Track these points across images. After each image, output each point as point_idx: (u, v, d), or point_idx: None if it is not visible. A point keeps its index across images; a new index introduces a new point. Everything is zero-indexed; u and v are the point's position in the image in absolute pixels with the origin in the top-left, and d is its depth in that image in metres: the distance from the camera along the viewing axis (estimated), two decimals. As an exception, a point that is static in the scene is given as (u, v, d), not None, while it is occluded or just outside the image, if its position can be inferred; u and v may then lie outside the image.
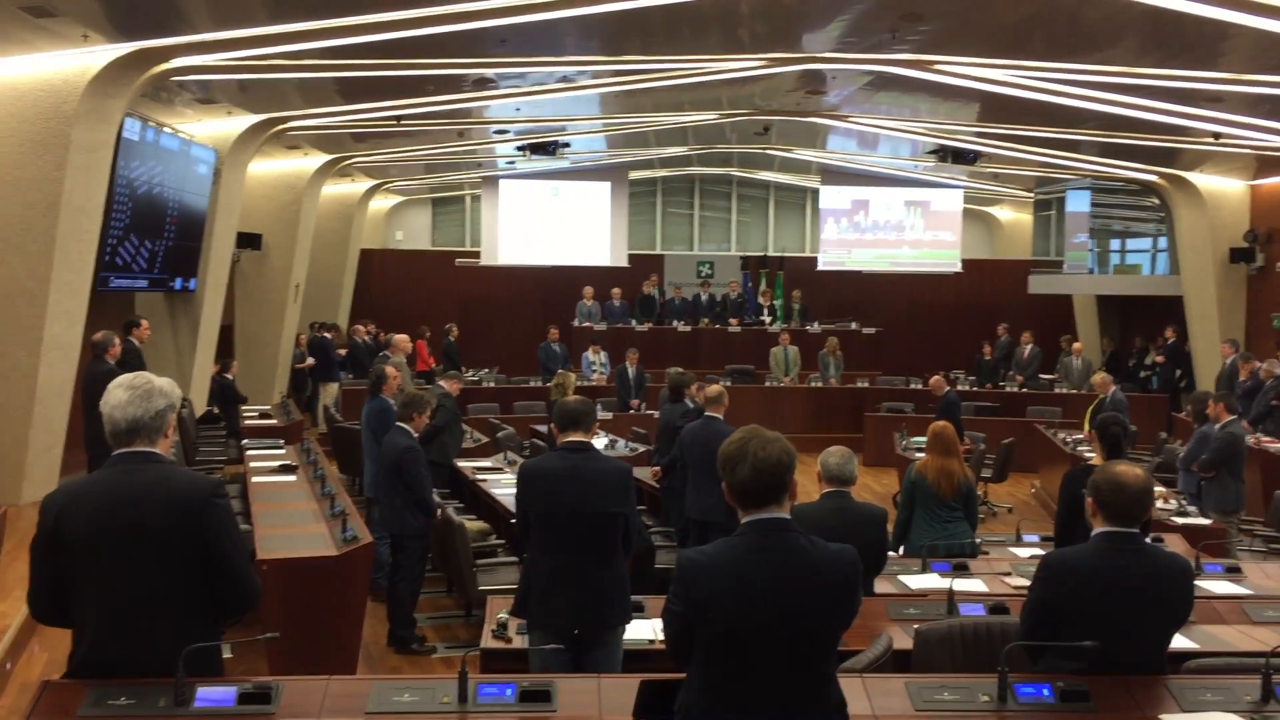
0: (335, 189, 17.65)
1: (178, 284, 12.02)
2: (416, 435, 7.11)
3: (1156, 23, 8.15)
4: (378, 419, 7.94)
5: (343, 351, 15.98)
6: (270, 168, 14.94)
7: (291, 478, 8.08)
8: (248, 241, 14.61)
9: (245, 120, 12.13)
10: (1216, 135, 12.31)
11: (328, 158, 15.13)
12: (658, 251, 21.04)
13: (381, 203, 20.64)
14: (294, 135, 13.26)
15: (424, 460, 7.03)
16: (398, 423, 7.12)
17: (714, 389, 7.85)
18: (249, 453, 9.43)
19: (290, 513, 6.85)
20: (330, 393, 15.35)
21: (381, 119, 12.72)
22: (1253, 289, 15.85)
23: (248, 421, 12.19)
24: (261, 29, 8.59)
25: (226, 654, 3.62)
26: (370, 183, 18.46)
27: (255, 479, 8.02)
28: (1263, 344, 14.68)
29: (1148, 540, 4.12)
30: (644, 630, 4.58)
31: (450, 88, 11.47)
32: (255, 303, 15.09)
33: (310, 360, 15.63)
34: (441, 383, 9.75)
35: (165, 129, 11.18)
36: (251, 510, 6.97)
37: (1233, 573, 5.84)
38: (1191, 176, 15.56)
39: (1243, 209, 15.84)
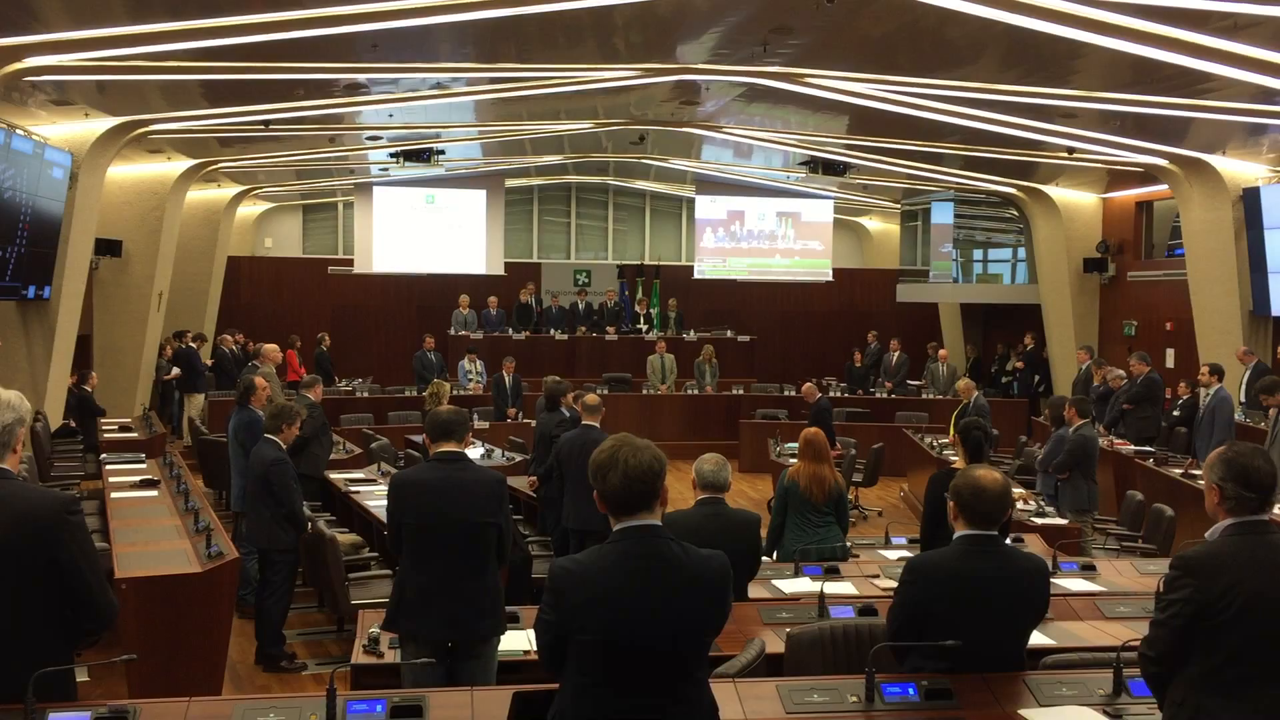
0: (200, 194, 17.11)
1: (31, 292, 11.50)
2: (286, 447, 6.95)
3: (1014, 41, 8.45)
4: (245, 431, 7.73)
5: (210, 362, 15.55)
6: (131, 172, 14.41)
7: (153, 493, 7.82)
8: (107, 248, 14.06)
9: (104, 123, 11.67)
10: (1070, 150, 12.84)
11: (192, 162, 14.66)
12: (534, 260, 20.98)
13: (250, 209, 20.10)
14: (156, 139, 12.81)
15: (293, 473, 6.88)
16: (266, 434, 6.95)
17: (591, 398, 7.88)
18: (108, 467, 9.09)
19: (151, 529, 6.63)
20: (196, 404, 14.91)
21: (249, 123, 12.38)
22: (1105, 297, 16.59)
23: (107, 435, 11.73)
24: (121, 29, 8.28)
25: (83, 677, 3.50)
26: (238, 188, 17.96)
27: (114, 494, 7.73)
28: (1115, 350, 15.37)
29: (1007, 541, 4.28)
30: (519, 641, 4.55)
31: (320, 92, 11.23)
32: (115, 312, 14.53)
33: (175, 371, 15.16)
34: (305, 393, 9.46)
35: (17, 131, 10.69)
36: (110, 527, 6.72)
37: (1087, 570, 6.08)
38: (1048, 189, 16.21)
39: (1095, 221, 16.58)
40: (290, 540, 6.76)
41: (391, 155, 15.61)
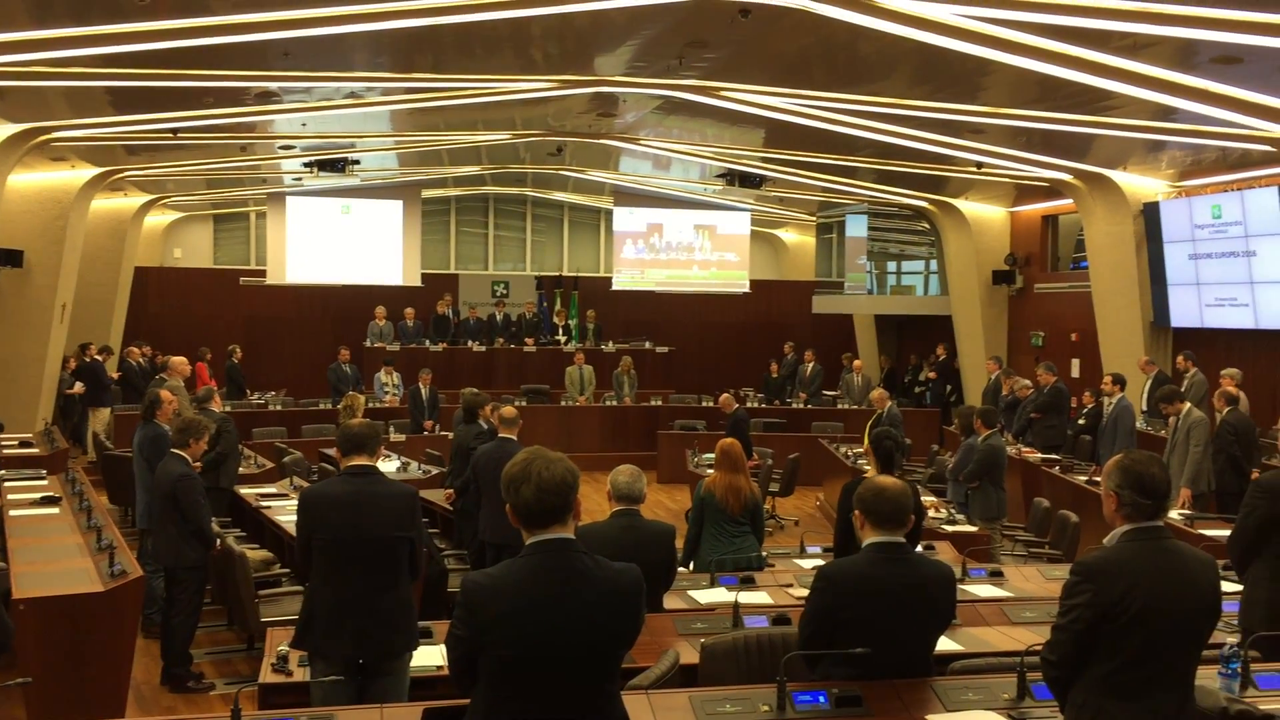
0: (106, 203, 16.69)
1: (-74, 303, 11.13)
2: (194, 462, 6.79)
3: (924, 58, 8.63)
4: (151, 446, 7.54)
5: (117, 375, 15.15)
6: (33, 180, 13.99)
7: (54, 510, 7.58)
8: (8, 259, 13.65)
9: (3, 130, 11.34)
10: (979, 165, 13.14)
11: (97, 170, 14.30)
12: (452, 271, 20.83)
13: (158, 218, 19.66)
14: (59, 146, 12.47)
15: (201, 488, 6.71)
16: (173, 449, 6.79)
17: (508, 410, 7.84)
18: (7, 484, 8.78)
19: (52, 547, 6.42)
20: (101, 419, 14.51)
21: (157, 131, 12.13)
22: (1013, 309, 16.98)
23: (6, 451, 11.34)
24: (22, 33, 8.06)
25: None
26: (145, 197, 17.54)
27: (13, 512, 7.47)
28: (1023, 360, 15.74)
29: (917, 549, 4.35)
30: (432, 656, 4.50)
31: (231, 100, 11.02)
32: (16, 324, 14.09)
33: (79, 386, 14.74)
34: (209, 407, 9.18)
35: (-89, 136, 10.36)
36: (8, 546, 6.50)
37: (995, 576, 6.19)
38: (958, 203, 16.56)
39: (1003, 234, 16.97)
40: (197, 557, 6.61)
41: (305, 165, 15.38)
